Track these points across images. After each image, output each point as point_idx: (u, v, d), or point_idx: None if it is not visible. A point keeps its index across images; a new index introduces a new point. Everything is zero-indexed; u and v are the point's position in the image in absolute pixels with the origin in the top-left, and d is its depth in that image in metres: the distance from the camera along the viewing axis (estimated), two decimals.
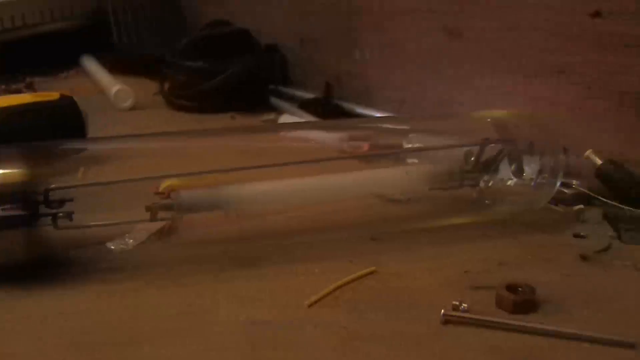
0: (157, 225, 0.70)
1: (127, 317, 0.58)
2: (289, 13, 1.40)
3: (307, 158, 0.76)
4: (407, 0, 1.12)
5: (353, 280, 0.62)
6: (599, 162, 0.84)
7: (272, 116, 1.20)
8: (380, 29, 1.19)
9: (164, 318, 0.58)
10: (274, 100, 1.29)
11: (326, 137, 1.00)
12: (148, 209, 0.67)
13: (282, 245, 0.70)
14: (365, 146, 0.96)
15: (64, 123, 0.91)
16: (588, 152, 0.86)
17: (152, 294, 0.61)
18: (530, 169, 0.77)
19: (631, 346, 0.54)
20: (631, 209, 0.79)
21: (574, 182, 0.86)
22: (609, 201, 0.81)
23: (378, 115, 1.18)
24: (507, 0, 0.95)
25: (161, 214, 0.68)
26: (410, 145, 0.97)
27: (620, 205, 0.80)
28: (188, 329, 0.56)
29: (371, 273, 0.64)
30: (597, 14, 0.84)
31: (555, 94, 0.91)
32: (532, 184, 0.77)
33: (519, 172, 0.76)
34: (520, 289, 0.59)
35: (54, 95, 0.91)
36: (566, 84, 0.89)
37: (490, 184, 0.77)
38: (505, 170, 0.77)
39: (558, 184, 0.76)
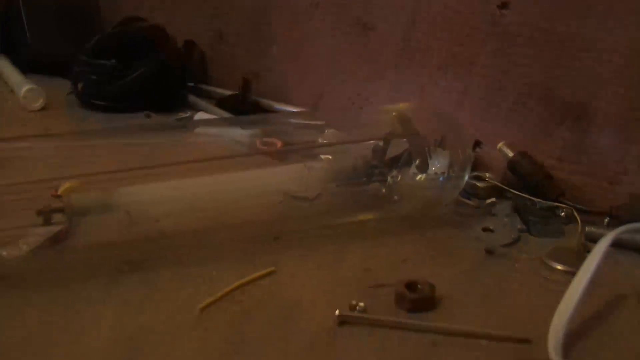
0: (53, 229, 0.66)
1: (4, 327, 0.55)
2: (206, 8, 1.37)
3: (214, 156, 0.74)
4: None
5: (249, 282, 0.60)
6: (510, 154, 0.84)
7: (187, 114, 1.17)
8: (295, 24, 1.17)
9: (47, 326, 0.55)
10: (191, 98, 1.26)
11: (238, 135, 0.98)
12: (39, 213, 0.63)
13: (179, 248, 0.67)
14: (277, 143, 0.94)
15: None
16: (500, 145, 0.85)
17: (39, 301, 0.58)
18: (439, 163, 0.76)
19: (527, 341, 0.53)
20: (541, 201, 0.79)
21: (487, 175, 0.85)
22: (520, 193, 0.81)
23: (294, 110, 1.16)
24: None
25: (54, 218, 0.65)
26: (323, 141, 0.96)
27: (530, 198, 0.80)
28: (68, 340, 0.53)
29: (269, 274, 0.62)
30: (504, 5, 0.84)
31: (467, 87, 0.90)
32: (440, 178, 0.75)
33: (423, 167, 0.74)
34: (419, 286, 0.58)
35: None
36: (477, 77, 0.89)
37: (398, 179, 0.76)
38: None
39: (465, 178, 0.75)
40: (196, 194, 0.69)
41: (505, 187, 0.83)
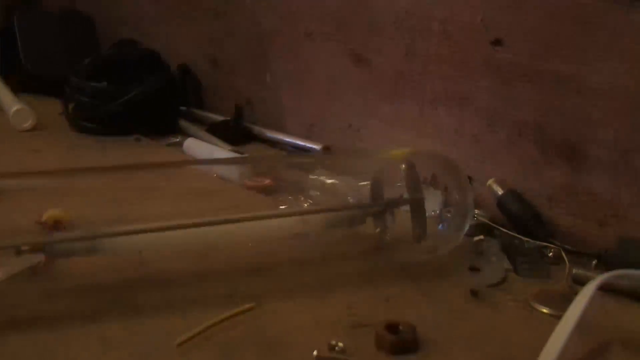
0: (33, 259, 0.65)
1: None
2: (201, 35, 1.37)
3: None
4: (315, 25, 1.10)
5: (228, 318, 0.59)
6: (500, 192, 0.83)
7: (177, 139, 1.16)
8: (290, 54, 1.17)
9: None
10: (183, 123, 1.25)
11: (228, 172, 0.97)
12: (16, 250, 0.61)
13: (161, 286, 0.66)
14: (267, 181, 0.94)
15: None
16: (490, 182, 0.85)
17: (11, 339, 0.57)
18: (431, 202, 0.75)
19: None
20: (529, 240, 0.78)
21: (476, 212, 0.84)
22: (508, 232, 0.80)
23: (287, 139, 1.15)
24: (410, 29, 0.94)
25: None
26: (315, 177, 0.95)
27: (519, 237, 0.79)
28: None
29: (249, 310, 0.61)
30: (498, 42, 0.83)
31: (460, 123, 0.90)
32: (439, 227, 0.75)
33: (420, 232, 0.72)
34: (400, 327, 0.57)
35: None
36: (469, 114, 0.88)
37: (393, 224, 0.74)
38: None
39: (465, 230, 0.74)
40: (180, 239, 0.67)
41: (494, 225, 0.82)
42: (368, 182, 0.76)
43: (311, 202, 0.82)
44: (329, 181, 0.81)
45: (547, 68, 0.79)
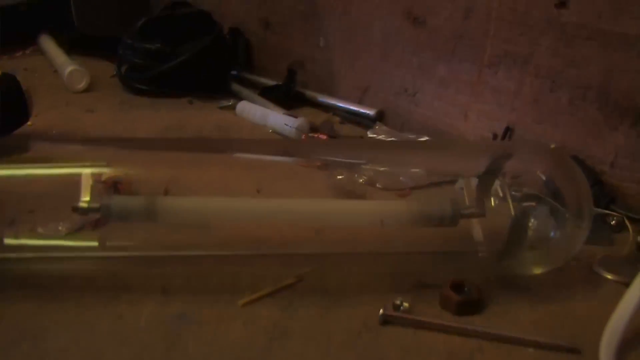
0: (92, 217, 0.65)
1: None
2: None
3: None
4: None
5: (293, 283, 0.59)
6: None
7: (230, 102, 1.16)
8: (344, 15, 1.15)
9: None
10: (235, 86, 1.25)
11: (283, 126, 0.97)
12: (74, 209, 0.60)
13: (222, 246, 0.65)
14: (323, 137, 0.93)
15: (4, 102, 0.86)
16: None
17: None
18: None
19: (576, 351, 0.51)
20: None
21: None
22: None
23: (340, 104, 1.14)
24: None
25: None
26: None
27: None
28: (109, 329, 0.52)
29: (310, 272, 0.60)
30: (562, 5, 0.81)
31: (519, 86, 0.88)
32: (551, 234, 0.62)
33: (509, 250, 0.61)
34: (466, 288, 0.56)
35: None
36: (530, 76, 0.86)
37: None
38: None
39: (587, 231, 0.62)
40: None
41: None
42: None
43: (366, 178, 0.80)
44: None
45: (614, 29, 0.76)
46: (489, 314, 0.55)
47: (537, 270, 0.60)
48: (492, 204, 0.62)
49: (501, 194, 0.62)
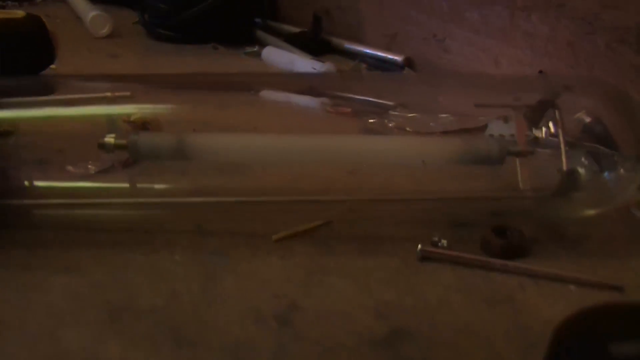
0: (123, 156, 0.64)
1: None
2: None
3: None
4: None
5: (328, 222, 0.58)
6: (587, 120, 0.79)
7: (255, 48, 1.15)
8: None
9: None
10: (260, 33, 1.23)
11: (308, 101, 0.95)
12: (100, 146, 0.58)
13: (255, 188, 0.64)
14: (347, 110, 0.92)
15: (29, 45, 0.85)
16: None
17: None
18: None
19: (619, 289, 0.50)
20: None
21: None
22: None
23: (367, 51, 1.12)
24: None
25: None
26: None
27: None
28: (144, 264, 0.52)
29: (346, 212, 0.59)
30: None
31: (554, 30, 0.86)
32: (605, 175, 0.59)
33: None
34: (508, 232, 0.55)
35: (18, 14, 0.85)
36: (565, 19, 0.84)
37: None
38: None
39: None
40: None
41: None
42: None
43: (395, 123, 0.79)
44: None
45: None
46: (531, 258, 0.54)
47: (588, 213, 0.58)
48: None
49: (552, 131, 0.60)
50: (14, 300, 0.47)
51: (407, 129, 0.78)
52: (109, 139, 0.57)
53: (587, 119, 0.77)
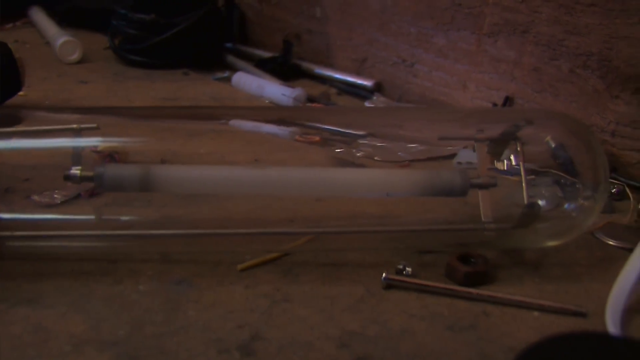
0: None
1: None
2: None
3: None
4: None
5: (293, 249, 0.58)
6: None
7: (225, 74, 1.15)
8: None
9: None
10: (230, 58, 1.23)
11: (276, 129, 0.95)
12: (66, 177, 0.57)
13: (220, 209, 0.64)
14: (316, 139, 0.92)
15: None
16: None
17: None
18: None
19: (582, 315, 0.51)
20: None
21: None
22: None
23: (337, 75, 1.13)
24: None
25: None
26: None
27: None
28: (108, 294, 0.51)
29: (313, 239, 0.59)
30: None
31: (519, 55, 0.87)
32: (566, 206, 0.61)
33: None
34: (472, 259, 0.55)
35: None
36: (530, 45, 0.85)
37: None
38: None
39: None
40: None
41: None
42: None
43: (363, 153, 0.79)
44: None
45: None
46: (495, 285, 0.55)
47: (551, 243, 0.59)
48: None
49: (514, 163, 0.60)
50: None
51: (376, 158, 0.79)
52: (75, 170, 0.57)
53: (553, 144, 0.77)
